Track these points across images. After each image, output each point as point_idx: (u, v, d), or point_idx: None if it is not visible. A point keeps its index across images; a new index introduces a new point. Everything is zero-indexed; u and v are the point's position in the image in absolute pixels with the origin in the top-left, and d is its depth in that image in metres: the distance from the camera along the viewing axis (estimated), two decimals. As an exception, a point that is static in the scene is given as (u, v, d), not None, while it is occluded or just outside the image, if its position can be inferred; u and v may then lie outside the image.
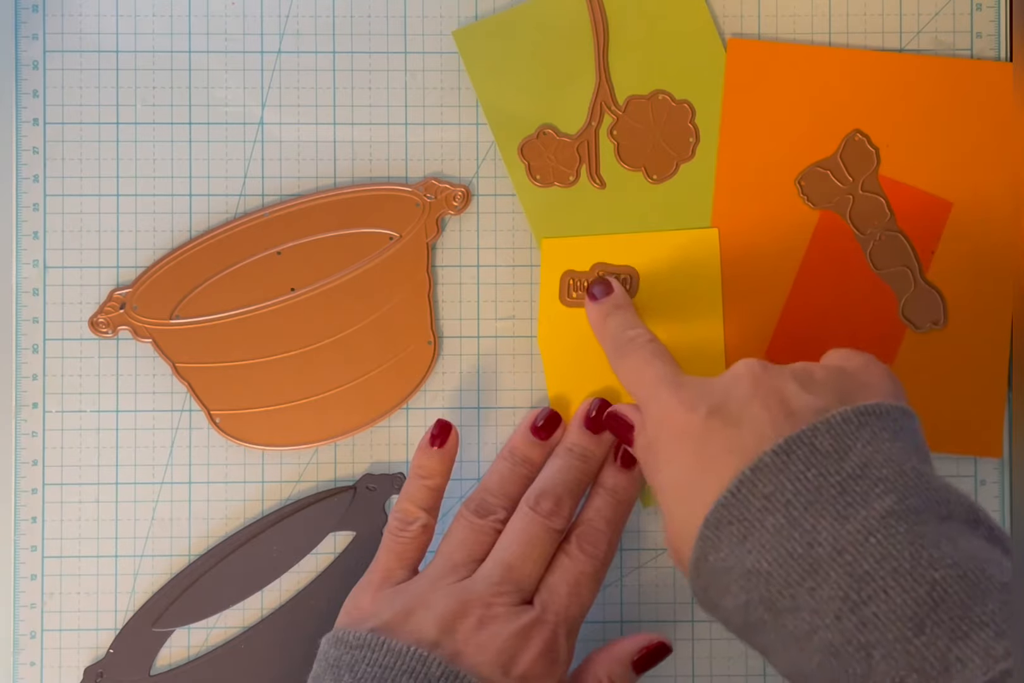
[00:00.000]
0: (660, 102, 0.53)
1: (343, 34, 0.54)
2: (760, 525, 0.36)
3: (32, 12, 0.54)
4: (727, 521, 0.37)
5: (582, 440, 0.49)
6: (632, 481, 0.49)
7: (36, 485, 0.53)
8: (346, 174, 0.54)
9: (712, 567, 0.37)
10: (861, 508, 0.35)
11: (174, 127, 0.54)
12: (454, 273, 0.54)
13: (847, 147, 0.53)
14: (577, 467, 0.48)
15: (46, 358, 0.53)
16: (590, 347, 0.52)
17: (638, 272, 0.53)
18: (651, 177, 0.53)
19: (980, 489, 0.54)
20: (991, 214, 0.53)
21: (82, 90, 0.54)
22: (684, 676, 0.53)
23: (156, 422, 0.53)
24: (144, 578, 0.53)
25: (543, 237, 0.53)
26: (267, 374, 0.53)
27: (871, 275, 0.53)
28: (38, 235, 0.54)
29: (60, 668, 0.53)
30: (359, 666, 0.41)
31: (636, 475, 0.48)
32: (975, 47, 0.54)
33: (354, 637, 0.42)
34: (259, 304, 0.53)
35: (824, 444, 0.37)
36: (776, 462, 0.37)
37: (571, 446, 0.49)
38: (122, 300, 0.53)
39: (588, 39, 0.53)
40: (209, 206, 0.54)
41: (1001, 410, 0.53)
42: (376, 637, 0.41)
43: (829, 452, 0.37)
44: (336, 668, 0.41)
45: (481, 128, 0.54)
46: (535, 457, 0.49)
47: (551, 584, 0.45)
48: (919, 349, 0.53)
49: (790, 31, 0.54)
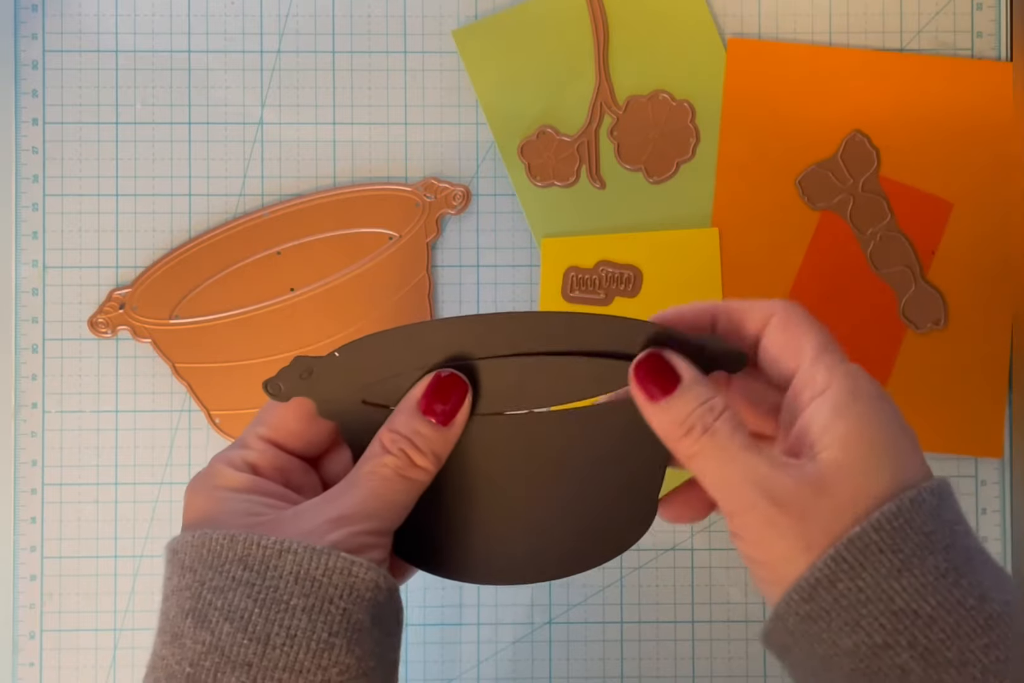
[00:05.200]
0: (660, 102, 0.53)
1: (343, 34, 0.54)
2: (920, 562, 0.32)
3: (32, 12, 0.54)
4: (878, 548, 0.32)
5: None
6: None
7: (35, 485, 0.53)
8: (346, 174, 0.54)
9: (839, 595, 0.32)
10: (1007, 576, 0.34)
11: (174, 127, 0.54)
12: (454, 273, 0.54)
13: (847, 147, 0.53)
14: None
15: (45, 358, 0.53)
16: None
17: (641, 271, 0.53)
18: (651, 177, 0.53)
19: (980, 489, 0.54)
20: (991, 214, 0.53)
21: (81, 90, 0.54)
22: (684, 677, 0.53)
23: (156, 422, 0.53)
24: (144, 578, 0.53)
25: (543, 237, 0.53)
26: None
27: (871, 275, 0.53)
28: (37, 235, 0.53)
29: (59, 668, 0.53)
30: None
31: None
32: (975, 47, 0.54)
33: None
34: (259, 304, 0.53)
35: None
36: (933, 502, 0.33)
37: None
38: (121, 300, 0.53)
39: (588, 39, 0.53)
40: (209, 206, 0.54)
41: (1001, 410, 0.53)
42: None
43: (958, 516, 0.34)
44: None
45: (481, 128, 0.54)
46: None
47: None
48: (919, 349, 0.53)
49: (790, 31, 0.54)
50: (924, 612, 0.32)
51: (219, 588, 0.33)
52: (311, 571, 0.33)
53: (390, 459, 0.35)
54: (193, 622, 0.33)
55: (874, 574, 0.32)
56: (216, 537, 0.33)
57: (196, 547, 0.34)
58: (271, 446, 0.37)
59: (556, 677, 0.53)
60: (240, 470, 0.36)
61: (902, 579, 0.32)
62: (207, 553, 0.33)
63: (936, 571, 0.32)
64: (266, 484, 0.36)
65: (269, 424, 0.37)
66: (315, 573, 0.33)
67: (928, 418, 0.53)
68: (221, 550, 0.33)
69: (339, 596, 0.33)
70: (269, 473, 0.36)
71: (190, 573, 0.33)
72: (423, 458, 0.35)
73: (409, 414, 0.36)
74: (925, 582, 0.32)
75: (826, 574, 0.32)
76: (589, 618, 0.52)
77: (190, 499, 0.36)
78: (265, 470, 0.36)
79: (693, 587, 0.53)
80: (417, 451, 0.35)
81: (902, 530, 0.32)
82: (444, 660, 0.53)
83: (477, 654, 0.53)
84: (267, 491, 0.36)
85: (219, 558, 0.33)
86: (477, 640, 0.53)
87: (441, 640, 0.53)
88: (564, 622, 0.53)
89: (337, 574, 0.33)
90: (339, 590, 0.33)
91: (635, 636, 0.53)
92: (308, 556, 0.33)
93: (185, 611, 0.33)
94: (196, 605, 0.33)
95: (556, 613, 0.53)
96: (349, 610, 0.33)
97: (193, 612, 0.33)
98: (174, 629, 0.33)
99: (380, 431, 0.36)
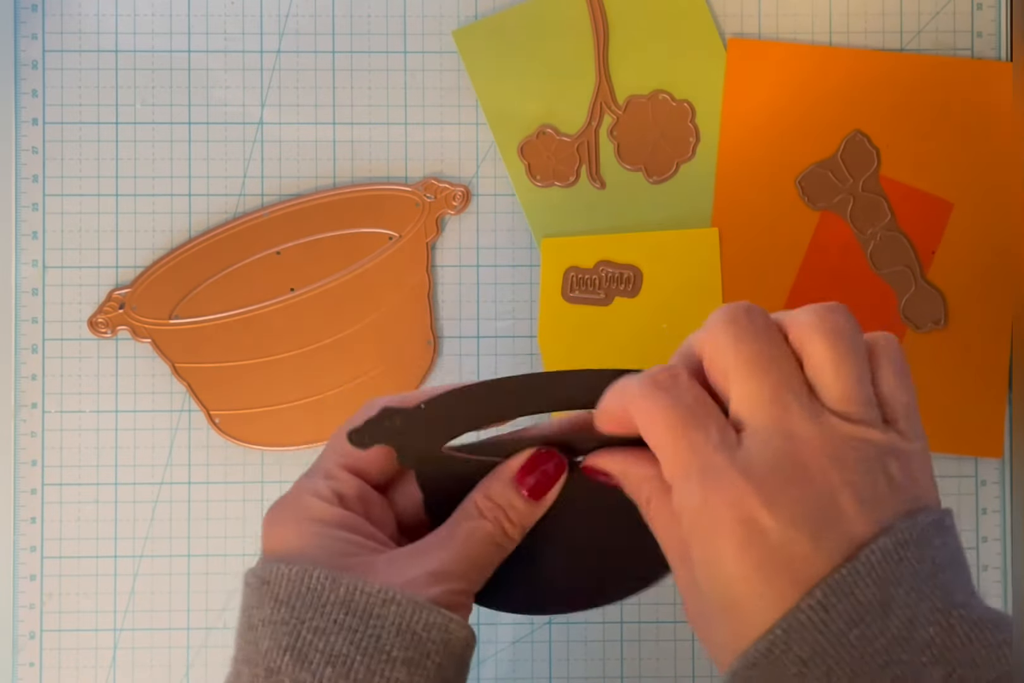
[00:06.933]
0: (660, 102, 0.53)
1: (343, 34, 0.54)
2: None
3: (32, 12, 0.54)
4: (756, 681, 0.30)
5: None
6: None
7: (35, 485, 0.53)
8: (346, 174, 0.54)
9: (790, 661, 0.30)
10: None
11: (173, 127, 0.54)
12: (454, 273, 0.54)
13: (847, 147, 0.53)
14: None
15: (45, 358, 0.53)
16: (590, 345, 0.52)
17: (641, 271, 0.53)
18: (651, 177, 0.53)
19: (980, 489, 0.54)
20: (991, 214, 0.53)
21: (81, 90, 0.54)
22: (684, 677, 0.53)
23: (155, 422, 0.53)
24: (144, 578, 0.53)
25: (543, 237, 0.53)
26: (267, 374, 0.53)
27: (871, 275, 0.53)
28: (37, 235, 0.53)
29: (59, 668, 0.53)
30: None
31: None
32: (975, 47, 0.54)
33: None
34: (258, 304, 0.53)
35: (866, 595, 0.30)
36: (815, 620, 0.30)
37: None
38: (121, 300, 0.53)
39: (588, 39, 0.53)
40: (209, 206, 0.54)
41: (1001, 410, 0.53)
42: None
43: (872, 605, 0.30)
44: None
45: (481, 128, 0.54)
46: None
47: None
48: (919, 349, 0.53)
49: (790, 31, 0.54)
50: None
51: (320, 629, 0.32)
52: (412, 624, 0.33)
53: (487, 524, 0.36)
54: (292, 660, 0.32)
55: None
56: (317, 575, 0.33)
57: (293, 581, 0.33)
58: (354, 476, 0.37)
59: (556, 677, 0.53)
60: (329, 501, 0.36)
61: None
62: (306, 590, 0.33)
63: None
64: (355, 519, 0.35)
65: (349, 454, 0.37)
66: (416, 627, 0.33)
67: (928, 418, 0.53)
68: (322, 590, 0.33)
69: (436, 651, 0.33)
70: (354, 505, 0.36)
71: (286, 608, 0.33)
72: (513, 529, 0.36)
73: (505, 484, 0.36)
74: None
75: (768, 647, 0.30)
76: (589, 618, 0.52)
77: (275, 529, 0.35)
78: (351, 502, 0.36)
79: (693, 587, 0.53)
80: (509, 522, 0.36)
81: (778, 661, 0.30)
82: (444, 660, 0.53)
83: (477, 654, 0.53)
84: (357, 528, 0.35)
85: (319, 598, 0.33)
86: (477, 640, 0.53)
87: (441, 640, 0.53)
88: (564, 622, 0.53)
89: (436, 630, 0.33)
90: (436, 646, 0.33)
91: (635, 636, 0.53)
92: (411, 609, 0.33)
93: (283, 647, 0.33)
94: (295, 643, 0.32)
95: (556, 613, 0.53)
96: (443, 665, 0.33)
97: (292, 650, 0.32)
98: (269, 663, 0.33)
99: (475, 493, 0.36)
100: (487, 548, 0.36)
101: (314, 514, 0.35)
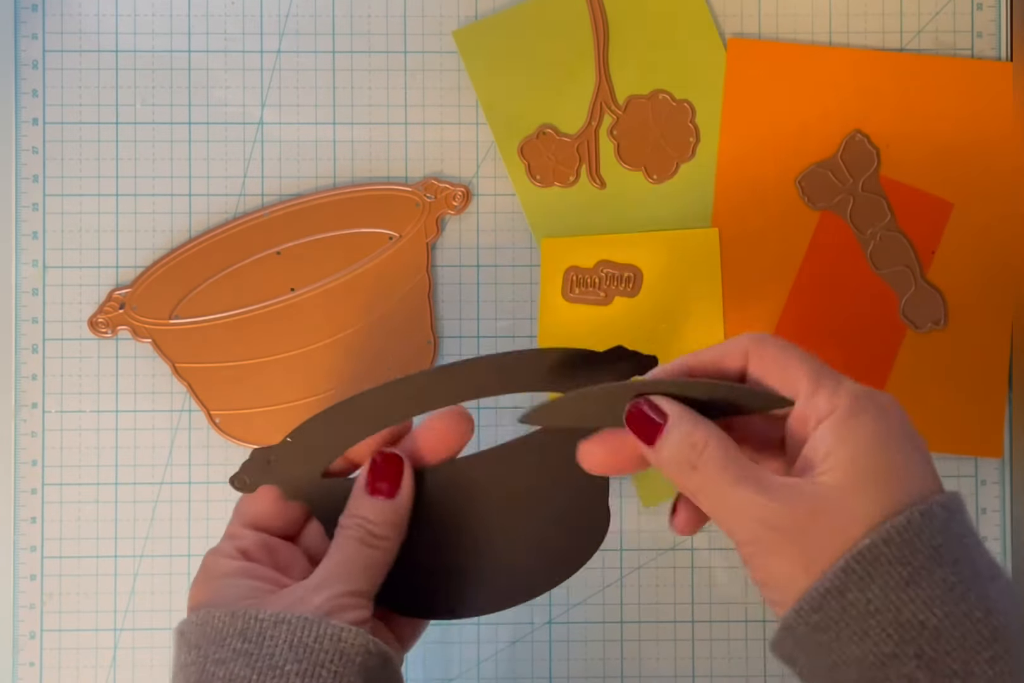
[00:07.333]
0: (660, 102, 0.53)
1: (343, 34, 0.54)
2: (929, 575, 0.33)
3: (32, 12, 0.54)
4: (887, 560, 0.33)
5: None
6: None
7: (35, 485, 0.53)
8: (346, 174, 0.54)
9: (848, 605, 0.33)
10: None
11: (174, 127, 0.54)
12: (454, 273, 0.54)
13: (847, 147, 0.53)
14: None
15: (45, 358, 0.53)
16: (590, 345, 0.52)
17: (641, 271, 0.53)
18: (651, 177, 0.53)
19: (980, 489, 0.54)
20: (991, 214, 0.53)
21: (81, 90, 0.54)
22: (684, 677, 0.53)
23: (156, 422, 0.53)
24: (144, 578, 0.53)
25: (543, 237, 0.53)
26: (267, 374, 0.53)
27: (871, 275, 0.53)
28: (37, 235, 0.53)
29: (59, 668, 0.53)
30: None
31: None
32: (975, 47, 0.54)
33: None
34: (259, 304, 0.53)
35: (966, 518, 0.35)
36: (943, 515, 0.34)
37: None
38: (121, 300, 0.53)
39: (588, 39, 0.53)
40: (209, 206, 0.54)
41: (1001, 410, 0.53)
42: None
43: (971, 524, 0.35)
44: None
45: (481, 128, 0.54)
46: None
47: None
48: (919, 349, 0.53)
49: (790, 31, 0.54)
50: (931, 624, 0.32)
51: (221, 660, 0.35)
52: (303, 639, 0.35)
53: (352, 532, 0.38)
54: None
55: (882, 585, 0.33)
56: (217, 614, 0.36)
57: (200, 625, 0.36)
58: (254, 531, 0.40)
59: (556, 677, 0.53)
60: (232, 558, 0.39)
61: (910, 591, 0.33)
62: (210, 630, 0.36)
63: (944, 584, 0.33)
64: (256, 568, 0.38)
65: (246, 513, 0.40)
66: (307, 640, 0.35)
67: (928, 418, 0.53)
68: (223, 626, 0.36)
69: (330, 660, 0.35)
70: (258, 556, 0.39)
71: (195, 650, 0.36)
72: (381, 529, 0.39)
73: (358, 496, 0.39)
74: (933, 594, 0.32)
75: (836, 584, 0.33)
76: (589, 618, 0.52)
77: (193, 593, 0.38)
78: (254, 554, 0.39)
79: (693, 587, 0.54)
80: (374, 525, 0.38)
81: (911, 543, 0.33)
82: (444, 660, 0.53)
83: (477, 654, 0.53)
84: (258, 575, 0.38)
85: (220, 633, 0.35)
86: (477, 640, 0.53)
87: (441, 640, 0.53)
88: (564, 622, 0.53)
89: (328, 640, 0.35)
90: (329, 655, 0.35)
91: (635, 636, 0.53)
92: (301, 625, 0.35)
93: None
94: (201, 678, 0.35)
95: (556, 613, 0.53)
96: (340, 673, 0.35)
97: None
98: None
99: (343, 513, 0.39)
100: (360, 549, 0.38)
101: (219, 571, 0.38)
